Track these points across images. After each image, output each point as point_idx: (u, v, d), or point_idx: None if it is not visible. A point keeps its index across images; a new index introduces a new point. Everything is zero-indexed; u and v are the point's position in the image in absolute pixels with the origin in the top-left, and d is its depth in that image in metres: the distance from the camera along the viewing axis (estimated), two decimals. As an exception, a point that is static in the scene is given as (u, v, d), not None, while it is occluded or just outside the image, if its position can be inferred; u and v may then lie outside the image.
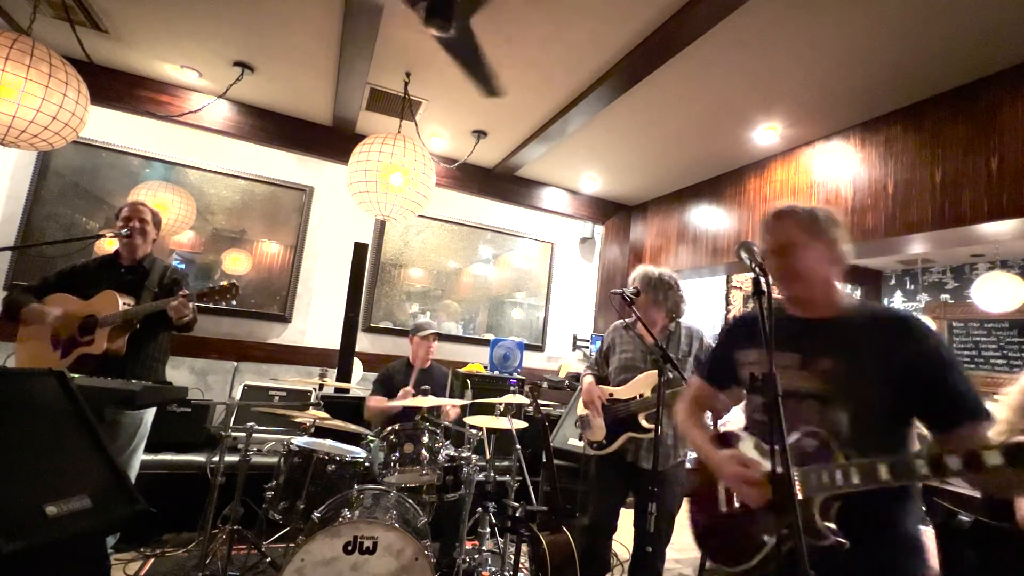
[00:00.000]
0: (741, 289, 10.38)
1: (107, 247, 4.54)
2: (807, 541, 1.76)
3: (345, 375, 6.35)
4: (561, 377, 7.92)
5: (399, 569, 3.47)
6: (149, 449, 4.73)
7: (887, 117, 5.22)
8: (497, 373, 7.40)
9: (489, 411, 4.90)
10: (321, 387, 5.76)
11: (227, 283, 4.17)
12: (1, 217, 6.13)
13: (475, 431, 4.88)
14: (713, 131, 5.95)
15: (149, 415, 4.34)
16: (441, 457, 4.28)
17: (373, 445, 4.90)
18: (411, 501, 4.06)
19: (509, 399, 4.88)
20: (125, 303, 4.14)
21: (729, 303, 10.34)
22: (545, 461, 4.32)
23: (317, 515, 3.76)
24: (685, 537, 2.70)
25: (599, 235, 9.27)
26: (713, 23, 4.14)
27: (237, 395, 6.14)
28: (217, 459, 4.43)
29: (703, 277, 8.13)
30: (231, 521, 4.28)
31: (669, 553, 4.14)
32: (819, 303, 2.36)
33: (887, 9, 3.90)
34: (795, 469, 2.08)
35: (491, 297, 8.74)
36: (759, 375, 1.91)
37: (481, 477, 4.72)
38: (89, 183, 6.49)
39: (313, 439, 4.57)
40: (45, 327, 4.11)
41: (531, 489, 5.11)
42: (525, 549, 4.21)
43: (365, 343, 7.67)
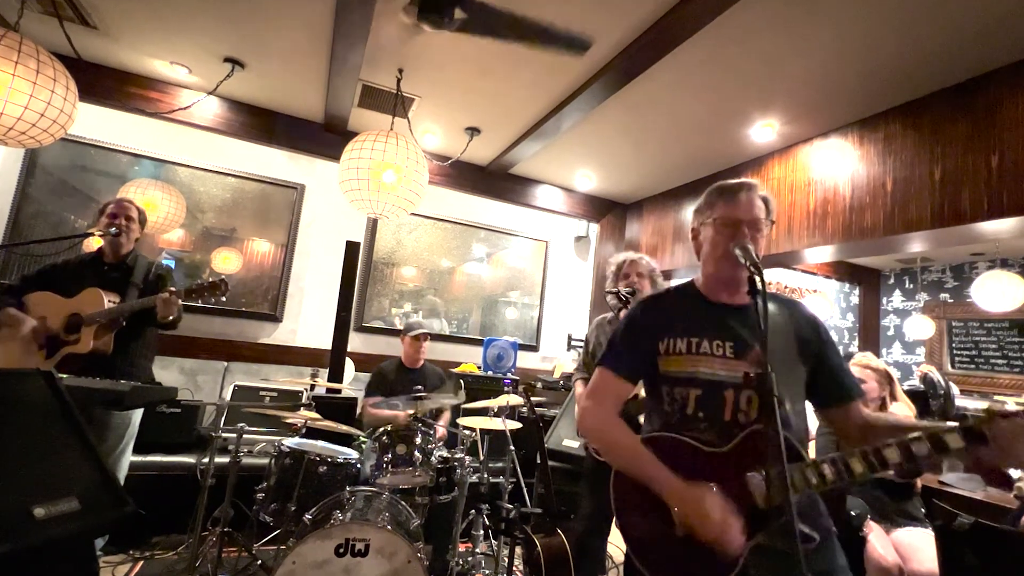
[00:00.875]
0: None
1: (95, 245, 4.52)
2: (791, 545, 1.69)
3: (337, 375, 6.35)
4: (556, 377, 7.92)
5: (391, 572, 3.48)
6: (138, 450, 4.73)
7: (886, 114, 5.19)
8: (491, 373, 7.41)
9: (483, 412, 4.91)
10: (312, 387, 5.76)
11: (216, 279, 4.17)
12: (-13, 215, 6.12)
13: (469, 432, 4.87)
14: (709, 128, 5.93)
15: (137, 415, 4.34)
16: (434, 458, 4.31)
17: (365, 446, 4.91)
18: (404, 503, 4.07)
19: (503, 400, 4.89)
20: (111, 301, 4.13)
21: None
22: (539, 463, 4.30)
23: (308, 517, 3.77)
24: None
25: (594, 233, 9.23)
26: (710, 19, 4.12)
27: (227, 395, 6.13)
28: (207, 460, 4.41)
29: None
30: (221, 523, 4.27)
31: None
32: (742, 288, 2.33)
33: (886, 4, 3.90)
34: (760, 473, 2.05)
35: (485, 296, 8.75)
36: (752, 374, 1.86)
37: (474, 479, 4.74)
38: (78, 181, 6.48)
39: (304, 440, 4.57)
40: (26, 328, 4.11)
41: (525, 491, 5.12)
42: (519, 552, 4.21)
43: (357, 343, 7.67)
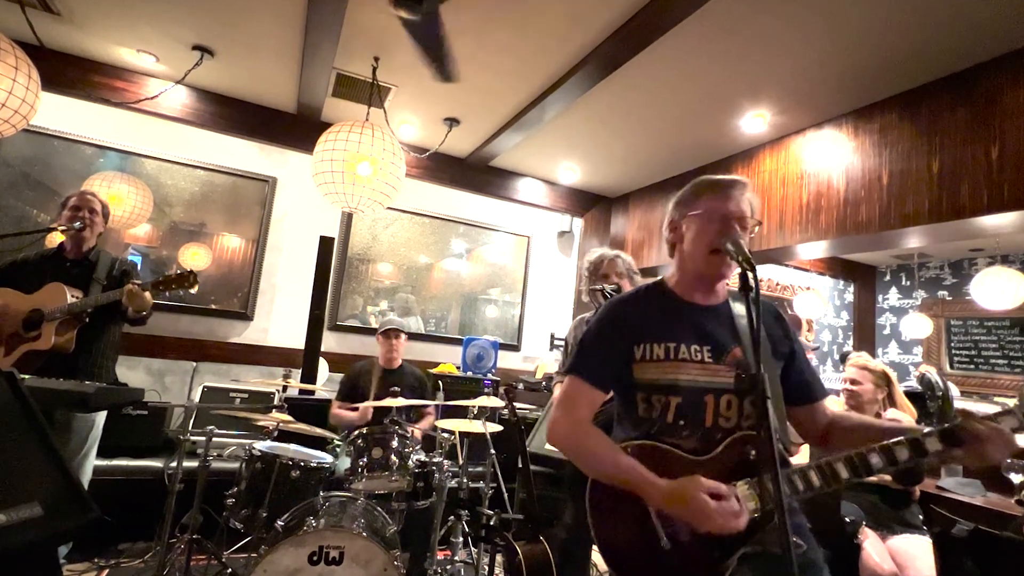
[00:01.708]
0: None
1: (57, 241, 4.49)
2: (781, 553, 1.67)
3: (310, 376, 6.34)
4: (538, 378, 7.95)
5: (367, 580, 3.48)
6: (103, 454, 4.71)
7: (882, 104, 5.21)
8: (470, 374, 7.43)
9: (462, 414, 4.91)
10: (285, 389, 5.75)
11: (184, 271, 4.15)
12: (-57, 208, 6.06)
13: (447, 435, 4.88)
14: (698, 119, 5.94)
15: (101, 417, 4.33)
16: (411, 462, 4.30)
17: (340, 450, 4.91)
18: (380, 509, 4.07)
19: (483, 401, 4.89)
20: (73, 296, 4.11)
21: None
22: (521, 467, 4.31)
23: (280, 523, 3.76)
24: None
25: (578, 228, 9.26)
26: (698, 5, 4.11)
27: (196, 397, 6.11)
28: (175, 464, 4.39)
29: None
30: (190, 530, 4.25)
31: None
32: (719, 288, 2.40)
33: (881, -9, 3.91)
34: (748, 481, 2.05)
35: (464, 294, 8.76)
36: (744, 375, 1.86)
37: (453, 484, 4.72)
38: (40, 173, 6.43)
39: (276, 443, 4.55)
40: None
41: (506, 496, 5.13)
42: (500, 560, 4.22)
43: (331, 342, 7.66)
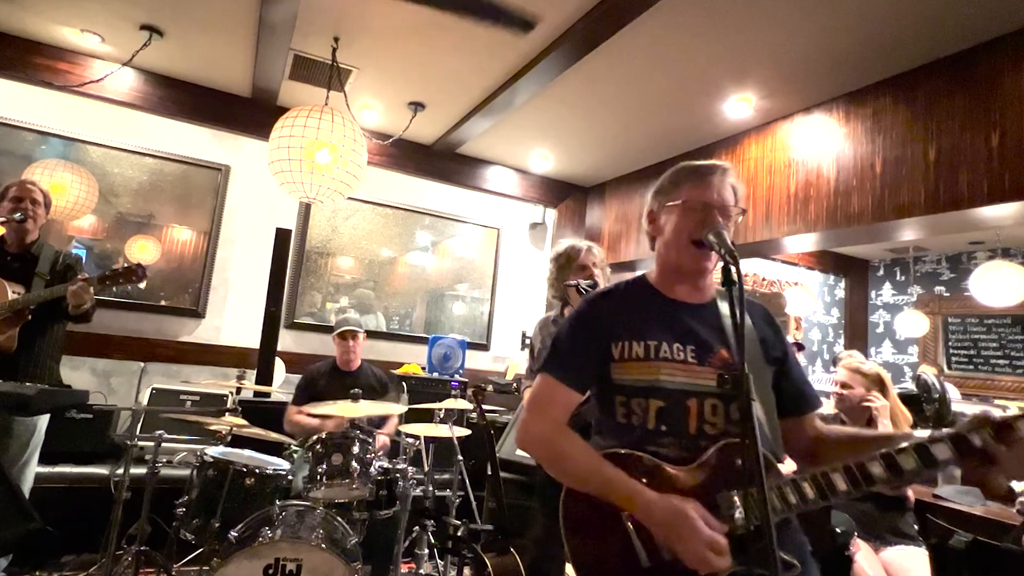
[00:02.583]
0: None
1: (-1, 231, 4.46)
2: None
3: (266, 377, 6.34)
4: (508, 380, 7.97)
5: (326, 594, 3.50)
6: (45, 460, 4.70)
7: (875, 87, 5.20)
8: (436, 375, 7.46)
9: (428, 418, 4.93)
10: (239, 391, 5.75)
11: (131, 264, 4.14)
12: None
13: (412, 440, 4.89)
14: (679, 103, 5.95)
15: (43, 421, 4.32)
16: (373, 469, 4.30)
17: (297, 456, 4.92)
18: (340, 519, 4.08)
19: (450, 404, 4.91)
20: (14, 292, 4.11)
21: None
22: (490, 474, 4.31)
23: (234, 534, 3.78)
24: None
25: (551, 220, 9.29)
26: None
27: (144, 400, 6.11)
28: (122, 471, 4.38)
29: None
30: (138, 541, 4.24)
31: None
32: (705, 285, 2.37)
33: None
34: (737, 492, 1.98)
35: (430, 289, 8.78)
36: (727, 376, 1.88)
37: (418, 492, 4.75)
38: (-25, 161, 6.39)
39: (230, 449, 4.57)
40: None
41: (475, 505, 5.15)
42: (468, 573, 4.24)
43: (288, 341, 7.65)
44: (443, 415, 4.95)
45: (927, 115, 4.79)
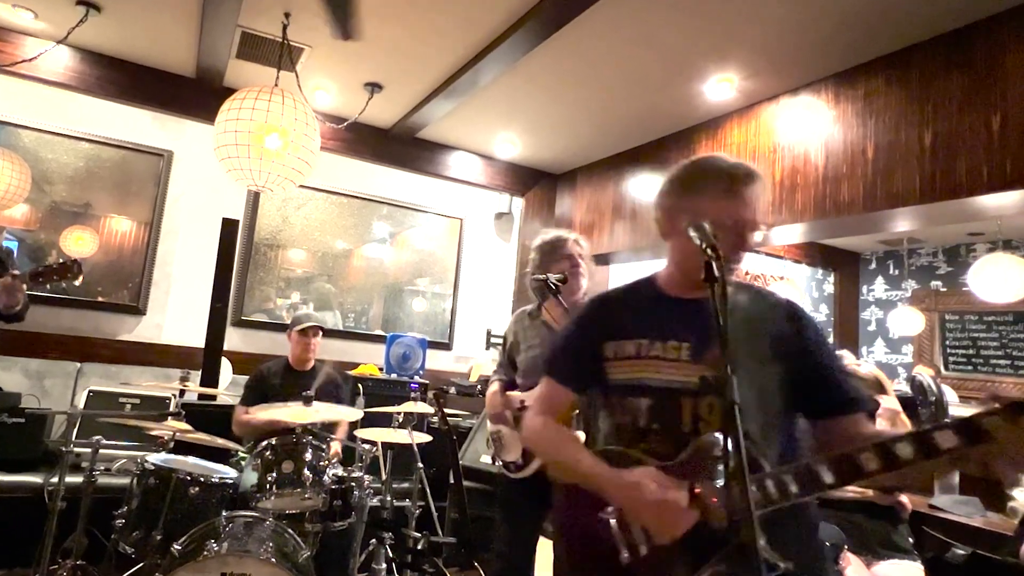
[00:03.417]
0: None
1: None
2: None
3: (211, 379, 6.33)
4: (472, 381, 7.99)
5: (276, 611, 3.51)
6: (-29, 469, 4.68)
7: (867, 67, 5.13)
8: (395, 376, 7.44)
9: (385, 422, 4.94)
10: (182, 393, 5.75)
11: (67, 260, 4.13)
12: None
13: (369, 447, 4.89)
14: (655, 84, 5.92)
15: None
16: (327, 478, 4.31)
17: (245, 463, 4.91)
18: (291, 531, 4.09)
19: (409, 408, 4.93)
20: (-62, 289, 4.08)
21: None
22: (453, 483, 4.34)
23: (177, 547, 3.77)
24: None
25: (518, 209, 9.29)
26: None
27: (80, 403, 6.08)
28: (56, 480, 4.34)
29: (643, 260, 8.03)
30: (73, 555, 4.25)
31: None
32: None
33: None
34: (709, 485, 2.00)
35: (388, 284, 8.79)
36: (711, 377, 1.89)
37: (375, 502, 4.75)
38: None
39: (172, 456, 4.55)
40: None
41: (436, 517, 5.16)
42: (429, 589, 4.26)
43: (235, 340, 7.63)
44: (402, 419, 4.96)
45: (922, 97, 4.73)
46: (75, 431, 5.60)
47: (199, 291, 7.31)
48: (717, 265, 1.88)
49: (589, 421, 2.50)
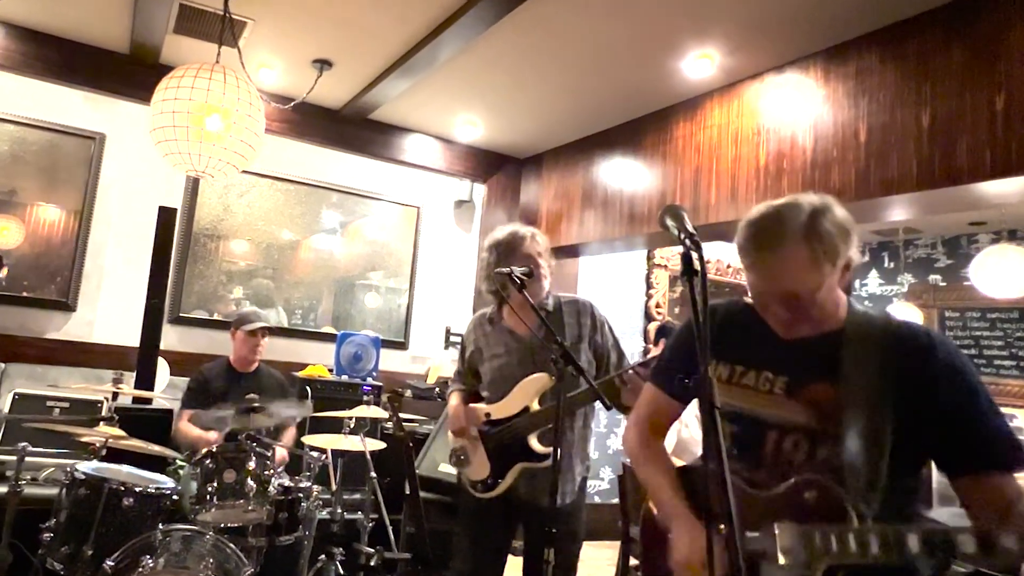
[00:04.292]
0: (667, 268, 10.07)
1: None
2: None
3: (146, 381, 6.29)
4: (430, 383, 8.00)
5: (216, 631, 3.51)
6: None
7: (859, 42, 5.06)
8: (346, 378, 7.45)
9: (336, 428, 4.93)
10: (115, 396, 5.71)
11: None
12: None
13: (317, 455, 4.89)
14: (629, 60, 5.89)
15: None
16: (272, 488, 4.30)
17: (183, 473, 4.90)
18: (233, 546, 4.07)
19: (361, 412, 4.92)
20: None
21: (651, 286, 9.97)
22: (409, 494, 4.33)
23: (110, 564, 3.76)
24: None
25: (479, 197, 9.31)
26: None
27: (5, 407, 6.03)
28: (-23, 491, 4.35)
29: (617, 252, 8.21)
30: (-4, 572, 4.23)
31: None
32: (816, 316, 2.22)
33: None
34: (791, 527, 1.95)
35: (338, 278, 8.80)
36: (690, 379, 1.89)
37: (325, 515, 4.75)
38: None
39: (105, 464, 4.52)
40: None
41: (390, 530, 5.16)
42: (382, 608, 4.26)
43: (173, 339, 7.61)
44: (353, 425, 4.95)
45: (920, 74, 4.67)
46: (-2, 437, 5.59)
47: (134, 286, 7.25)
48: (697, 257, 1.88)
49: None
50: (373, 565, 4.08)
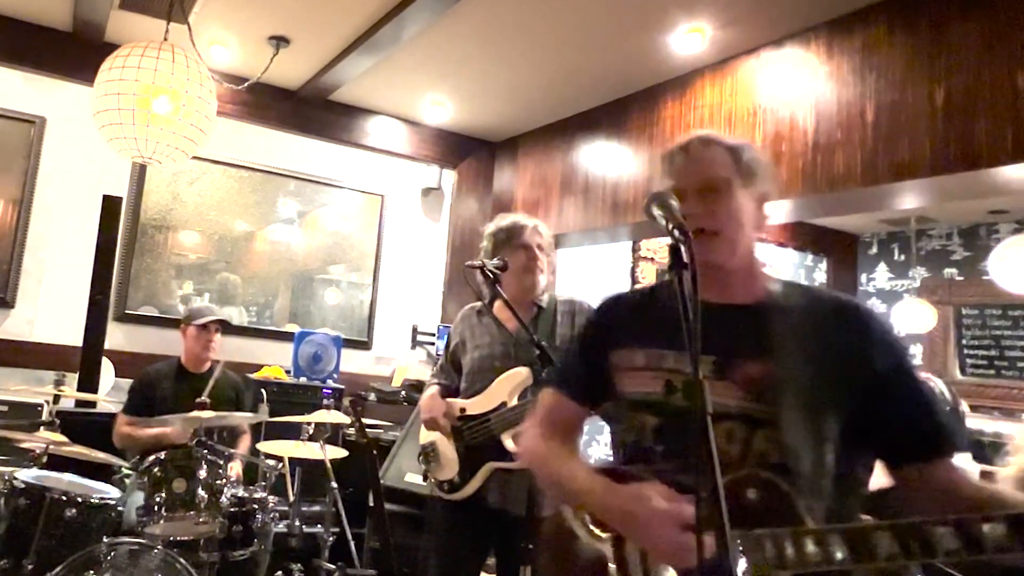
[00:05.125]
0: (653, 260, 10.02)
1: None
2: None
3: (90, 382, 6.29)
4: (395, 386, 8.00)
5: (165, 652, 3.52)
6: None
7: (865, 13, 4.89)
8: (304, 380, 7.47)
9: (294, 434, 4.94)
10: (57, 399, 5.71)
11: None
12: None
13: (274, 463, 4.89)
14: (612, 35, 5.80)
15: None
16: (225, 499, 4.29)
17: (129, 481, 4.89)
18: (183, 561, 4.04)
19: (321, 417, 4.93)
20: None
21: (637, 280, 9.82)
22: (373, 506, 4.34)
23: (51, 579, 3.76)
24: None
25: (449, 184, 9.28)
26: None
27: (-64, 411, 6.03)
28: (-93, 502, 4.34)
29: (599, 243, 8.19)
30: (-72, 589, 4.23)
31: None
32: (739, 279, 2.19)
33: None
34: (736, 535, 1.73)
35: (296, 272, 8.77)
36: (678, 383, 1.88)
37: (282, 528, 4.76)
38: None
39: (46, 472, 4.52)
40: None
41: (352, 545, 5.17)
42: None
43: (119, 337, 7.58)
44: (313, 431, 4.96)
45: (933, 47, 4.49)
46: (-69, 444, 5.58)
47: (77, 281, 7.20)
48: (687, 249, 1.80)
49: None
50: (334, 582, 4.08)
